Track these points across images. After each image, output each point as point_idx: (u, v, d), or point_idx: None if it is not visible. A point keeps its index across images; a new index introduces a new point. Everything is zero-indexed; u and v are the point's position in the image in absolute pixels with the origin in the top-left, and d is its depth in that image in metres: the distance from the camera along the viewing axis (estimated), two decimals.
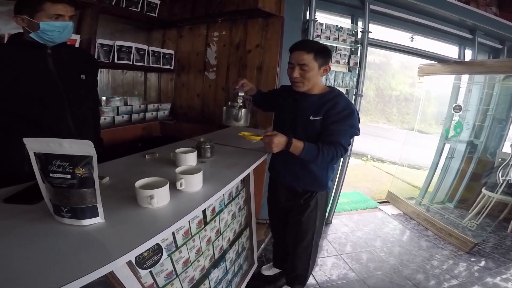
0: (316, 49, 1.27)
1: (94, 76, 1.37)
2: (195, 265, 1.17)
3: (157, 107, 2.59)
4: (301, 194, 1.47)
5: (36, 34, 1.05)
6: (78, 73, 1.23)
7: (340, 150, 1.26)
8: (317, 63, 1.28)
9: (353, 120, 1.29)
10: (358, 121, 1.33)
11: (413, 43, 2.85)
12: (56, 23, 1.05)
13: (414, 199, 3.37)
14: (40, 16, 1.02)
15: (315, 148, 1.25)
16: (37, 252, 0.62)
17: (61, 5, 1.04)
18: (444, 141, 3.27)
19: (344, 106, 1.29)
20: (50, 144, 0.66)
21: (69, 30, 1.11)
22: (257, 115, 2.27)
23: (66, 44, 1.20)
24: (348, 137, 1.30)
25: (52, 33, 1.05)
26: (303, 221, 1.49)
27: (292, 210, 1.53)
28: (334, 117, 1.27)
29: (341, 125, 1.27)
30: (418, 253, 2.38)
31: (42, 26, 1.02)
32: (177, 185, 0.93)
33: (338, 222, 2.84)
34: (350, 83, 2.31)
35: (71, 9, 1.09)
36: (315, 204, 1.47)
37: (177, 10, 2.52)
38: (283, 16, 2.18)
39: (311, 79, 1.31)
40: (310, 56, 1.26)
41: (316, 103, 1.33)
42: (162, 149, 1.44)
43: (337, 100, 1.31)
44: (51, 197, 0.71)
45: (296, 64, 1.30)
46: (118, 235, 0.71)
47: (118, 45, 2.09)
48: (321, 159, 1.24)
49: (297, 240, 1.54)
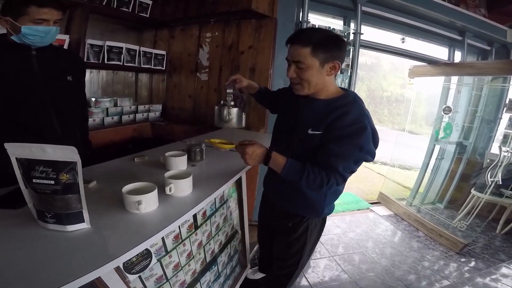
0: (315, 40, 0.96)
1: (81, 77, 1.35)
2: (186, 269, 1.15)
3: (148, 108, 2.56)
4: (291, 217, 1.22)
5: (17, 37, 1.03)
6: (64, 74, 1.21)
7: (335, 178, 0.98)
8: (317, 59, 0.97)
9: (362, 140, 0.95)
10: (372, 142, 0.99)
11: (404, 45, 2.88)
12: (39, 28, 1.02)
13: (405, 200, 3.38)
14: (24, 20, 1.00)
15: (300, 168, 0.99)
16: (22, 258, 0.61)
17: (47, 9, 1.02)
18: (434, 142, 3.30)
19: (353, 119, 0.96)
20: (33, 149, 0.64)
21: (52, 35, 1.08)
22: (250, 115, 2.26)
23: (52, 45, 1.18)
24: (351, 163, 0.99)
25: (33, 37, 1.03)
26: (290, 244, 1.27)
27: (278, 230, 1.31)
28: (337, 132, 0.97)
29: (343, 145, 0.96)
30: (410, 254, 2.39)
31: (24, 30, 1.00)
32: (166, 190, 0.91)
33: (330, 224, 2.83)
34: (342, 84, 2.32)
35: (58, 14, 1.06)
36: (305, 230, 1.22)
37: (169, 10, 2.50)
38: (276, 18, 2.17)
39: (312, 80, 1.01)
40: (306, 50, 0.96)
41: (319, 112, 1.03)
42: (152, 152, 1.42)
43: (347, 109, 0.98)
44: (35, 203, 0.69)
45: (292, 61, 1.02)
46: (104, 241, 0.70)
47: (108, 45, 2.06)
48: (305, 183, 0.99)
49: (282, 259, 1.36)
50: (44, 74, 1.12)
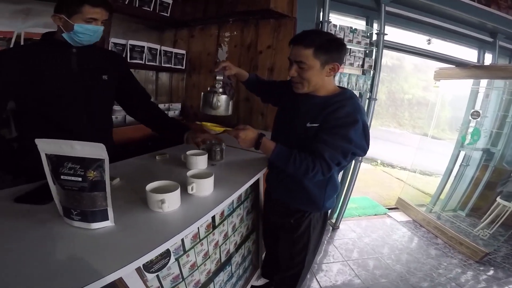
0: (318, 43, 1.02)
1: (121, 75, 1.36)
2: (201, 268, 1.16)
3: (167, 107, 2.59)
4: (292, 213, 1.26)
5: (67, 35, 1.07)
6: (100, 74, 1.23)
7: (321, 165, 1.01)
8: (318, 60, 1.03)
9: (352, 133, 1.00)
10: (363, 137, 1.04)
11: (430, 46, 2.77)
12: (89, 27, 1.07)
13: (424, 206, 3.28)
14: (76, 18, 1.04)
15: (288, 153, 1.05)
16: (47, 256, 0.61)
17: (99, 9, 1.06)
18: (459, 148, 3.17)
19: (347, 112, 1.02)
20: (62, 146, 0.65)
21: (98, 34, 1.13)
22: (268, 116, 2.24)
23: (94, 45, 1.21)
24: (339, 153, 1.01)
25: (83, 35, 1.07)
26: (294, 241, 1.30)
27: (282, 228, 1.35)
28: (330, 123, 1.03)
29: (333, 135, 1.01)
30: (427, 261, 2.33)
31: (76, 28, 1.04)
32: (188, 189, 0.91)
33: (345, 228, 2.79)
34: (364, 86, 2.26)
35: (106, 14, 1.11)
36: (307, 226, 1.26)
37: (189, 9, 2.51)
38: (296, 17, 2.14)
39: (312, 80, 1.07)
40: (308, 51, 1.02)
41: (317, 107, 1.09)
42: (172, 150, 1.43)
43: (342, 104, 1.04)
44: (61, 199, 0.70)
45: (293, 61, 1.07)
46: (127, 240, 0.69)
47: (131, 44, 2.10)
48: (292, 168, 1.04)
49: (288, 257, 1.39)
50: (81, 73, 1.16)
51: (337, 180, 1.24)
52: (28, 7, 1.72)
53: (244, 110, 2.41)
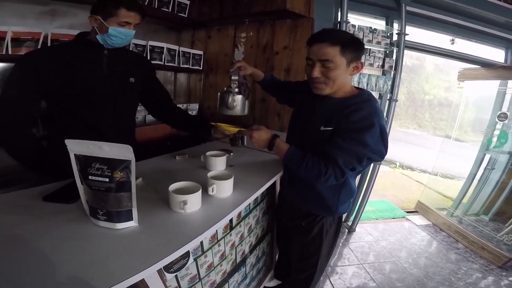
0: (345, 40, 0.98)
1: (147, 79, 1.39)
2: (217, 269, 1.16)
3: (185, 108, 2.61)
4: (304, 216, 1.23)
5: (101, 37, 1.10)
6: (128, 76, 1.26)
7: (334, 170, 0.97)
8: (345, 58, 0.98)
9: (368, 137, 0.95)
10: (380, 141, 0.99)
11: (454, 46, 2.67)
12: (122, 30, 1.09)
13: (446, 210, 3.19)
14: (111, 21, 1.06)
15: (301, 156, 1.02)
16: (72, 255, 0.62)
17: (133, 13, 1.09)
18: (484, 151, 3.04)
19: (363, 116, 0.97)
20: (90, 147, 0.67)
21: (130, 38, 1.15)
22: (284, 118, 2.23)
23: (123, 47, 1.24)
24: (353, 158, 0.97)
25: (116, 38, 1.10)
26: (306, 244, 1.27)
27: (294, 230, 1.32)
28: (344, 126, 0.98)
29: (348, 139, 0.96)
30: (446, 266, 2.26)
31: (110, 31, 1.07)
32: (209, 191, 0.92)
33: (362, 231, 2.74)
34: (384, 87, 2.21)
35: (139, 18, 1.13)
36: (320, 229, 1.22)
37: (206, 10, 2.53)
38: (313, 18, 2.11)
39: (337, 80, 1.01)
40: (335, 49, 0.96)
41: (332, 109, 1.04)
42: (191, 150, 1.45)
43: (359, 106, 0.99)
44: (88, 199, 0.71)
45: (317, 60, 1.01)
46: (151, 241, 0.70)
47: (151, 45, 2.13)
48: (304, 172, 1.01)
49: (299, 260, 1.36)
50: (110, 74, 1.18)
51: (353, 184, 1.19)
52: (53, 8, 1.77)
53: (260, 111, 2.41)
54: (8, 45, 1.46)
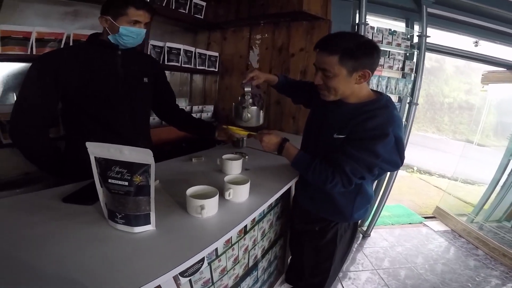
0: (343, 49, 0.91)
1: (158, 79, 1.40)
2: (230, 273, 1.16)
3: (201, 109, 2.61)
4: (317, 221, 1.20)
5: (113, 37, 1.10)
6: (142, 76, 1.27)
7: (341, 178, 0.95)
8: (345, 68, 0.92)
9: (380, 147, 0.90)
10: (395, 151, 0.93)
11: (477, 48, 2.56)
12: (133, 29, 1.10)
13: (466, 216, 3.12)
14: (121, 21, 1.07)
15: (309, 161, 1.01)
16: (90, 259, 0.62)
17: (142, 11, 1.09)
18: (509, 157, 2.94)
19: (376, 125, 0.92)
20: (111, 150, 0.67)
21: (141, 37, 1.16)
22: (300, 120, 2.20)
23: (135, 47, 1.24)
24: (362, 167, 0.94)
25: (127, 37, 1.11)
26: (319, 249, 1.24)
27: (307, 235, 1.29)
28: (356, 134, 0.95)
29: (358, 148, 0.92)
30: (464, 273, 2.20)
31: (121, 30, 1.08)
32: (225, 195, 0.91)
33: (377, 236, 2.70)
34: (404, 90, 2.15)
35: (149, 17, 1.13)
36: (334, 235, 1.18)
37: (221, 12, 2.54)
38: (330, 19, 2.08)
39: (339, 88, 0.97)
40: (333, 59, 0.92)
41: (345, 116, 1.00)
42: (207, 153, 1.45)
43: (374, 114, 0.94)
44: (107, 202, 0.72)
45: (318, 68, 0.99)
46: (167, 245, 0.70)
47: (168, 46, 2.15)
48: (311, 177, 1.01)
49: (312, 265, 1.33)
50: (125, 74, 1.19)
51: (369, 191, 1.15)
52: (76, 9, 1.79)
53: (275, 113, 2.39)
54: (33, 45, 1.49)
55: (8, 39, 1.42)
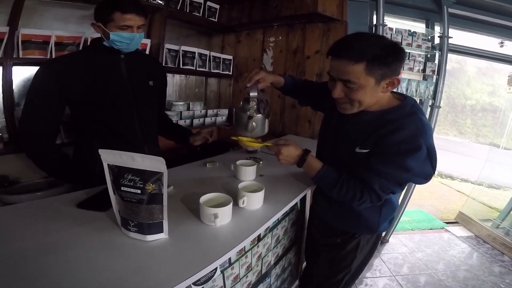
0: (371, 55, 0.78)
1: (161, 82, 1.39)
2: (243, 280, 1.13)
3: (216, 113, 2.61)
4: (339, 233, 1.11)
5: (107, 42, 1.09)
6: (147, 79, 1.26)
7: (370, 195, 0.88)
8: (373, 76, 0.80)
9: (412, 161, 0.80)
10: (427, 162, 0.83)
11: (503, 49, 2.44)
12: (124, 34, 1.06)
13: (491, 221, 2.99)
14: (111, 26, 1.04)
15: (335, 178, 0.92)
16: (102, 268, 0.62)
17: (129, 15, 1.03)
18: None
19: (406, 137, 0.79)
20: (123, 157, 0.66)
21: (136, 41, 1.11)
22: (317, 124, 2.15)
23: (137, 50, 1.23)
24: (393, 183, 0.86)
25: (120, 43, 1.08)
26: (336, 260, 1.15)
27: (325, 245, 1.19)
28: (384, 149, 0.83)
29: (387, 164, 0.82)
30: (488, 279, 2.10)
31: (112, 37, 1.05)
32: (239, 203, 0.89)
33: (396, 242, 2.61)
34: (425, 92, 2.06)
35: (140, 19, 1.07)
36: (355, 247, 1.09)
37: (235, 15, 2.54)
38: (346, 21, 2.03)
39: (364, 101, 0.85)
40: (358, 67, 0.78)
41: (368, 126, 0.88)
42: (221, 158, 1.44)
43: (401, 124, 0.81)
44: (120, 210, 0.71)
45: (337, 79, 0.85)
46: (180, 255, 0.69)
47: (183, 50, 2.16)
48: (337, 195, 0.93)
49: (325, 275, 1.24)
50: (130, 78, 1.18)
51: (395, 200, 1.07)
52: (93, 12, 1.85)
53: (289, 117, 2.35)
54: (52, 49, 1.52)
55: (28, 43, 1.45)
